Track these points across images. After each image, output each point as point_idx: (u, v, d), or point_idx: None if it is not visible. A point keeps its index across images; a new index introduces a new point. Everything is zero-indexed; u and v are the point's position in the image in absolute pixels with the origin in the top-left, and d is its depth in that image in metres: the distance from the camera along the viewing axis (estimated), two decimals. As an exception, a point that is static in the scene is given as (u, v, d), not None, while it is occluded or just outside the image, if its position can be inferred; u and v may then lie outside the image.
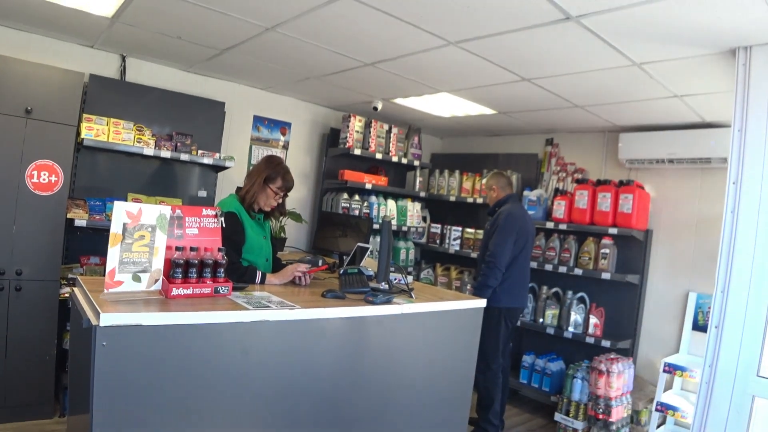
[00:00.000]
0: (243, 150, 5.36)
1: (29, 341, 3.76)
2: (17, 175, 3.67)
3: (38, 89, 3.74)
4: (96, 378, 2.01)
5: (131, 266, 2.30)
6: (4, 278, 3.67)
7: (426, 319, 3.09)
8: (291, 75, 4.69)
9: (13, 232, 3.69)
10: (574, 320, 4.84)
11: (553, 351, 5.19)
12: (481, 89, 4.31)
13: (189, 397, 2.24)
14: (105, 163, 4.46)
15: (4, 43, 4.00)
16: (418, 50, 3.56)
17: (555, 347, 5.19)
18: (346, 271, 3.21)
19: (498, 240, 4.18)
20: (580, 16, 2.69)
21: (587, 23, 2.76)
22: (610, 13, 2.60)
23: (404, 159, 5.79)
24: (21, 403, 3.75)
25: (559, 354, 5.14)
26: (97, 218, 4.01)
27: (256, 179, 3.25)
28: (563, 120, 5.04)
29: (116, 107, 4.34)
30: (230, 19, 3.38)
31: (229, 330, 2.31)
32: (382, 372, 2.91)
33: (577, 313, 4.84)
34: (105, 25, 3.83)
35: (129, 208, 2.27)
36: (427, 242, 6.21)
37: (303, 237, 5.75)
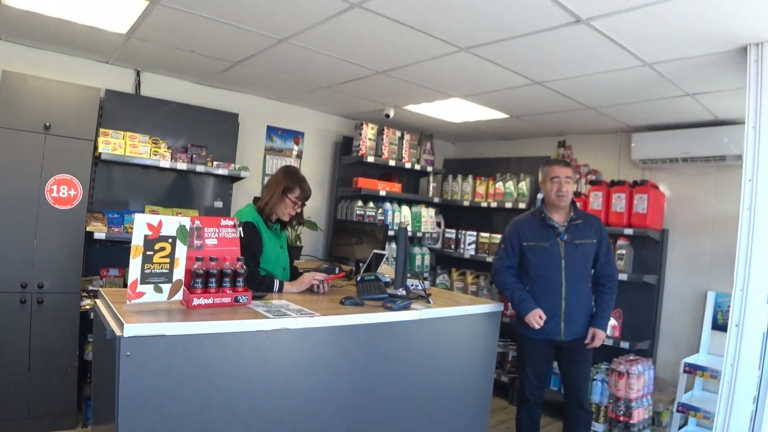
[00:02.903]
0: (257, 160, 5.40)
1: (52, 353, 3.82)
2: (37, 190, 3.74)
3: (56, 105, 3.81)
4: (121, 388, 2.05)
5: (153, 277, 2.34)
6: (26, 291, 3.73)
7: (444, 324, 3.11)
8: (303, 85, 4.74)
9: (35, 245, 3.75)
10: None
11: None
12: (492, 94, 4.33)
13: (211, 405, 2.26)
14: (122, 176, 4.53)
15: (22, 61, 4.09)
16: (429, 57, 3.59)
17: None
18: (363, 278, 3.24)
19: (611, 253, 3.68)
20: (590, 19, 2.70)
21: (597, 25, 2.77)
22: (620, 14, 2.61)
23: (417, 165, 5.81)
24: (45, 414, 3.80)
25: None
26: (116, 231, 4.07)
27: (274, 190, 3.29)
28: (575, 122, 5.03)
29: (132, 121, 4.41)
30: (243, 32, 3.43)
31: (250, 338, 2.34)
32: (402, 378, 2.92)
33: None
34: (120, 42, 3.89)
35: (149, 220, 2.31)
36: (441, 247, 6.21)
37: (319, 245, 5.78)
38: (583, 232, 3.53)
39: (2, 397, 3.66)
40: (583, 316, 3.54)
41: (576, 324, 3.50)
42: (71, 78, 4.11)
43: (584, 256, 3.53)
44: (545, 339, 3.54)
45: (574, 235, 3.50)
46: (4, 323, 3.66)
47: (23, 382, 3.73)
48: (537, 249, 3.55)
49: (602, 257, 3.58)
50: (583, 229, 3.54)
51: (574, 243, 3.49)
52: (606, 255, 3.59)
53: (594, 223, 3.62)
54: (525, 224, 3.66)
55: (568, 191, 3.51)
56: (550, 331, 3.49)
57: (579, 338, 3.52)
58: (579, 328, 3.51)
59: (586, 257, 3.54)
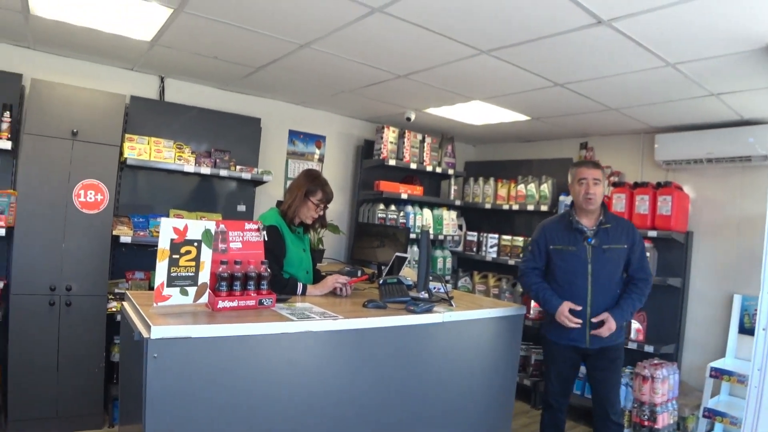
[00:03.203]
0: (279, 164, 5.45)
1: (79, 354, 3.89)
2: (65, 195, 3.82)
3: (83, 112, 3.89)
4: (148, 389, 2.09)
5: (179, 280, 2.37)
6: (55, 294, 3.80)
7: (467, 327, 3.11)
8: (324, 89, 4.77)
9: (63, 249, 3.82)
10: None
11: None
12: (513, 96, 4.32)
13: (236, 406, 2.29)
14: (147, 181, 4.61)
15: (50, 69, 4.18)
16: (450, 60, 3.59)
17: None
18: (386, 281, 3.24)
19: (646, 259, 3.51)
20: (612, 20, 2.69)
21: (619, 26, 2.76)
22: (642, 15, 2.59)
23: (438, 168, 5.81)
24: (73, 414, 3.88)
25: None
26: (141, 234, 4.13)
27: (296, 193, 3.32)
28: (597, 123, 5.00)
29: (156, 127, 4.49)
30: (265, 37, 3.47)
31: (275, 341, 2.37)
32: (425, 381, 2.92)
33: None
34: (144, 49, 3.96)
35: (176, 224, 2.35)
36: (463, 250, 6.20)
37: (341, 248, 5.81)
38: (613, 237, 3.39)
39: (32, 396, 3.74)
40: None
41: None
42: (97, 85, 4.19)
43: (613, 261, 3.39)
44: (570, 345, 3.44)
45: (603, 240, 3.38)
46: (34, 325, 3.74)
47: (52, 383, 3.80)
48: (563, 253, 3.45)
49: (635, 262, 3.42)
50: (614, 234, 3.40)
51: (602, 248, 3.37)
52: (639, 260, 3.43)
53: (626, 227, 3.47)
54: (553, 227, 3.57)
55: (597, 193, 3.39)
56: (575, 337, 3.39)
57: (607, 347, 3.39)
58: (607, 336, 3.36)
59: (616, 263, 3.40)
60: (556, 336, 3.48)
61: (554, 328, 3.48)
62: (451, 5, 2.73)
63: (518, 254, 5.59)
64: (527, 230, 5.84)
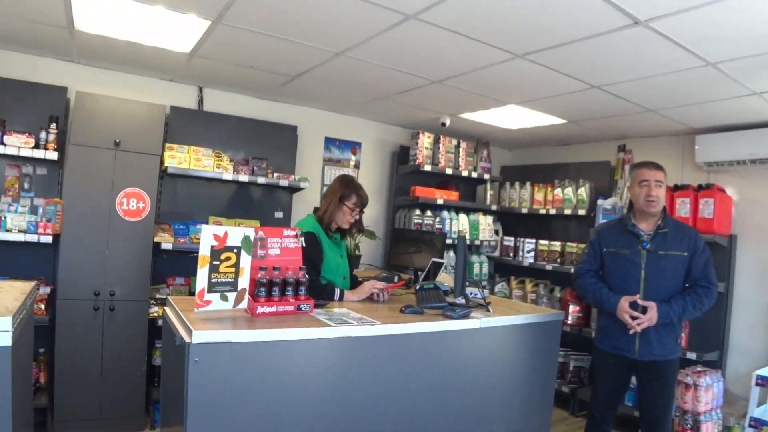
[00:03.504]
0: (316, 171, 5.51)
1: (122, 358, 4.00)
2: (109, 203, 3.93)
3: (125, 122, 4.00)
4: (189, 392, 2.13)
5: (219, 286, 2.42)
6: (99, 299, 3.91)
7: (504, 332, 3.09)
8: (360, 96, 4.81)
9: (106, 255, 3.93)
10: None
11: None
12: (549, 99, 4.29)
13: (275, 410, 2.32)
14: (187, 189, 4.71)
15: (94, 82, 4.32)
16: (484, 65, 3.59)
17: (638, 360, 5.03)
18: (423, 286, 3.25)
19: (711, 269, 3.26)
20: (649, 20, 2.66)
21: (657, 26, 2.72)
22: (680, 14, 2.55)
23: (474, 173, 5.80)
24: (115, 416, 3.98)
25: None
26: (182, 241, 4.23)
27: (331, 199, 3.35)
28: (635, 125, 4.92)
29: (195, 136, 4.60)
30: (301, 46, 3.52)
31: (313, 346, 2.39)
32: (462, 387, 2.91)
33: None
34: (183, 60, 4.06)
35: (216, 231, 2.39)
36: (500, 255, 6.16)
37: (377, 254, 5.83)
38: (671, 243, 3.19)
39: (77, 398, 3.85)
40: (664, 336, 3.19)
41: (654, 344, 3.18)
42: (139, 96, 4.32)
43: (670, 269, 3.18)
44: (619, 355, 3.27)
45: (660, 245, 3.19)
46: (79, 329, 3.85)
47: (96, 385, 3.91)
48: (616, 256, 3.31)
49: (696, 271, 3.18)
50: (672, 240, 3.19)
51: (658, 253, 3.18)
52: (703, 269, 3.19)
53: (688, 233, 3.25)
54: (609, 229, 3.45)
55: (659, 196, 3.19)
56: (623, 347, 3.24)
57: (659, 362, 3.19)
58: (658, 349, 3.18)
59: (673, 271, 3.19)
60: (605, 344, 3.35)
61: (604, 336, 3.38)
62: (485, 11, 2.74)
63: (555, 259, 5.52)
64: (565, 235, 5.77)
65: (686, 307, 3.14)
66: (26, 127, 3.88)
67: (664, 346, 3.20)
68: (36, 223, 3.76)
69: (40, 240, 3.75)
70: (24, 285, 2.71)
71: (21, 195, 4.10)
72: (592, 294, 3.36)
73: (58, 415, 3.81)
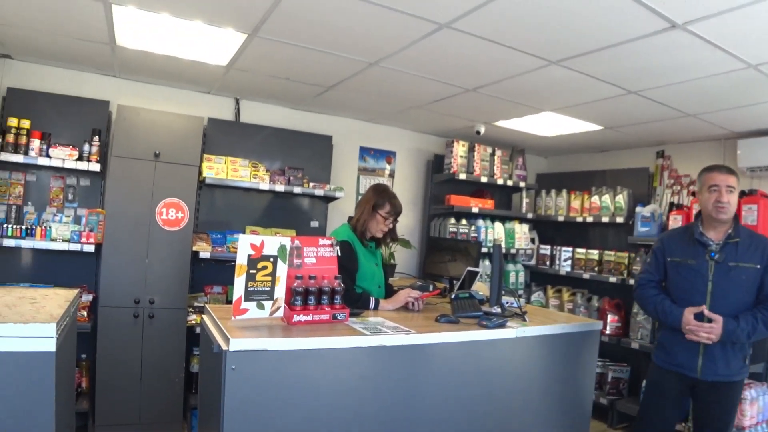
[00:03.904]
0: (351, 180, 5.55)
1: (161, 364, 4.08)
2: (149, 213, 4.02)
3: (164, 134, 4.10)
4: (226, 399, 2.16)
5: (256, 295, 2.44)
6: (139, 307, 4.00)
7: (541, 342, 3.04)
8: (394, 105, 4.83)
9: (146, 264, 4.03)
10: (699, 342, 4.56)
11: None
12: (585, 106, 4.23)
13: (311, 418, 2.33)
14: (224, 199, 4.79)
15: (135, 95, 4.44)
16: (519, 72, 3.57)
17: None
18: (458, 295, 3.23)
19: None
20: (687, 23, 2.61)
21: (695, 29, 2.66)
22: (719, 16, 2.50)
23: (509, 181, 5.76)
24: (153, 421, 4.06)
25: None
26: (219, 250, 4.30)
27: (365, 207, 3.36)
28: (674, 130, 4.82)
29: (232, 146, 4.69)
30: (335, 57, 3.55)
31: (348, 355, 2.40)
32: (497, 397, 2.88)
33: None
34: (220, 73, 4.14)
35: (253, 240, 2.42)
36: (536, 264, 6.09)
37: (412, 263, 5.82)
38: (742, 254, 2.94)
39: (117, 403, 3.95)
40: (731, 355, 2.94)
41: (719, 363, 2.94)
42: (177, 109, 4.43)
43: (740, 282, 2.93)
44: (677, 372, 3.05)
45: (730, 256, 2.95)
46: (119, 336, 3.95)
47: (135, 391, 4.00)
48: (681, 266, 3.08)
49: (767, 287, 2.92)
50: (744, 251, 2.95)
51: (728, 265, 2.94)
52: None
53: (762, 244, 2.98)
54: (674, 237, 3.23)
55: (730, 203, 2.96)
56: (684, 364, 3.02)
57: (722, 383, 2.94)
58: (723, 369, 2.93)
59: (743, 285, 2.93)
60: (664, 361, 3.13)
61: (663, 352, 3.17)
62: (518, 18, 2.72)
63: (593, 268, 5.44)
64: (602, 243, 5.68)
65: (756, 325, 2.86)
66: (70, 139, 4.01)
67: (729, 366, 2.94)
68: (79, 233, 3.87)
69: (83, 249, 3.86)
70: (68, 293, 2.78)
71: (65, 205, 4.23)
72: (654, 306, 3.14)
73: (99, 420, 3.91)
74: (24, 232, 3.80)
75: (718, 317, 2.87)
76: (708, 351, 2.95)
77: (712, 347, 2.92)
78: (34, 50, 3.91)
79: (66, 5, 3.01)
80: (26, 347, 1.93)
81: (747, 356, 3.01)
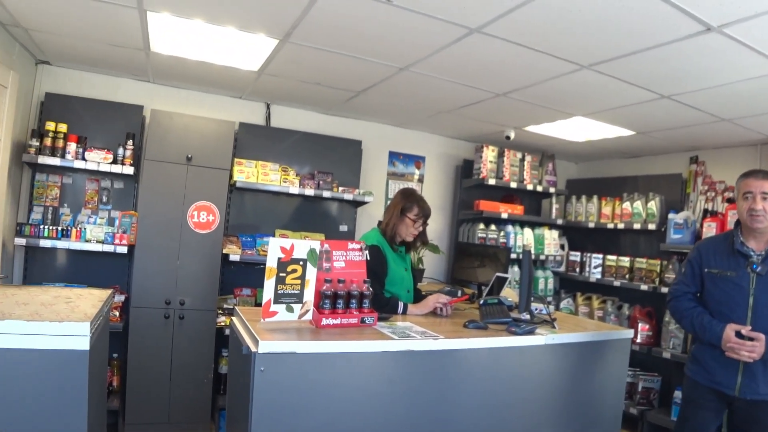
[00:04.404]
0: (380, 185, 5.56)
1: (190, 365, 4.14)
2: (181, 216, 4.09)
3: (197, 139, 4.16)
4: (254, 400, 2.17)
5: (285, 297, 2.46)
6: (170, 308, 4.07)
7: (570, 350, 3.00)
8: (423, 110, 4.83)
9: (177, 266, 4.09)
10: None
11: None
12: (617, 111, 4.18)
13: (338, 421, 2.33)
14: (254, 202, 4.84)
15: (168, 100, 4.53)
16: (550, 77, 3.54)
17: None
18: (486, 301, 3.21)
19: None
20: (723, 26, 2.56)
21: (731, 32, 2.61)
22: (755, 18, 2.44)
23: (539, 186, 5.71)
24: (182, 420, 4.12)
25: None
26: (249, 253, 4.34)
27: (393, 212, 3.37)
28: (708, 136, 4.73)
29: (263, 151, 4.75)
30: (365, 62, 3.57)
31: (376, 359, 2.40)
32: (526, 404, 2.85)
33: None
34: (252, 78, 4.19)
35: (283, 243, 2.44)
36: (566, 271, 6.02)
37: (441, 268, 5.81)
38: None
39: (147, 402, 4.02)
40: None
41: (759, 382, 2.75)
42: (209, 113, 4.50)
43: None
44: (714, 389, 2.88)
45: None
46: (150, 336, 4.02)
47: (165, 390, 4.07)
48: (720, 279, 2.89)
49: None
50: None
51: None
52: None
53: None
54: (711, 247, 3.02)
55: (766, 210, 2.78)
56: (722, 381, 2.84)
57: (762, 401, 2.75)
58: (764, 387, 2.75)
59: None
60: (700, 377, 2.95)
61: (698, 367, 2.98)
62: (550, 22, 2.71)
63: (624, 275, 5.36)
64: (633, 250, 5.59)
65: None
66: (105, 143, 4.10)
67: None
68: (113, 234, 3.95)
69: (116, 250, 3.94)
70: (101, 293, 2.84)
71: (99, 207, 4.32)
72: (690, 320, 2.95)
73: (129, 418, 3.98)
74: (60, 233, 3.89)
75: (761, 335, 2.69)
76: (748, 369, 2.76)
77: (753, 365, 2.74)
78: (72, 56, 4.01)
79: (103, 13, 3.08)
80: (61, 345, 1.98)
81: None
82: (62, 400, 2.00)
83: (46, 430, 1.99)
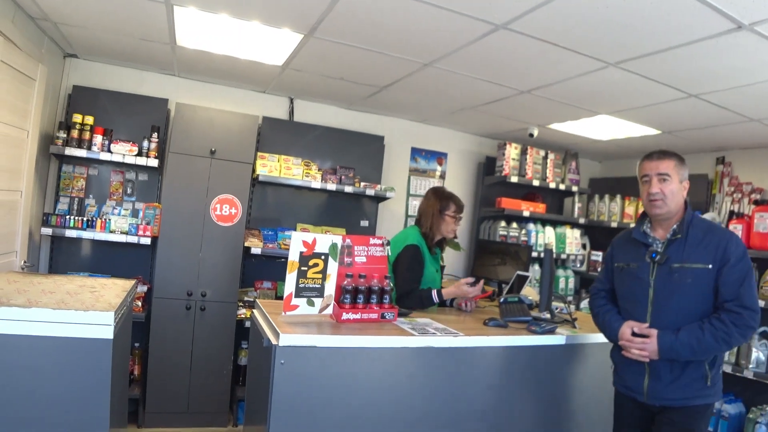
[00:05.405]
0: (402, 181, 5.55)
1: (210, 356, 4.18)
2: (203, 209, 4.12)
3: (220, 132, 4.19)
4: (274, 392, 2.21)
5: (306, 291, 2.48)
6: (191, 299, 4.11)
7: (590, 350, 2.98)
8: (446, 107, 4.81)
9: (199, 258, 4.13)
10: (756, 358, 4.35)
11: (731, 392, 4.70)
12: (642, 109, 4.12)
13: (357, 414, 2.35)
14: (276, 196, 4.86)
15: (193, 94, 4.56)
16: (575, 74, 3.50)
17: (733, 387, 4.69)
18: (507, 299, 3.20)
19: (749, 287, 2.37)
20: (754, 24, 2.50)
21: (762, 30, 2.56)
22: (789, 17, 2.40)
23: (562, 185, 5.66)
24: (201, 411, 4.17)
25: (738, 395, 4.64)
26: (270, 246, 4.37)
27: (431, 213, 3.46)
28: (736, 136, 4.65)
29: (286, 145, 4.76)
30: (389, 58, 3.56)
31: (395, 354, 2.41)
32: (544, 403, 2.85)
33: (759, 350, 4.36)
34: (276, 73, 4.20)
35: (305, 238, 2.46)
36: (587, 270, 5.96)
37: (461, 265, 5.79)
38: (689, 252, 2.42)
39: (167, 391, 4.08)
40: (682, 375, 2.39)
41: (667, 385, 2.42)
42: (233, 107, 4.53)
43: (686, 286, 2.40)
44: (630, 397, 2.57)
45: (674, 256, 2.44)
46: (172, 327, 4.07)
47: (185, 380, 4.12)
48: (624, 272, 2.62)
49: (725, 290, 2.34)
50: (692, 249, 2.42)
51: (671, 266, 2.43)
52: (732, 286, 2.33)
53: (716, 240, 2.41)
54: (621, 238, 2.74)
55: (665, 194, 2.47)
56: (632, 385, 2.54)
57: (673, 408, 2.42)
58: (672, 391, 2.41)
59: (691, 288, 2.39)
60: (617, 383, 2.66)
61: (614, 372, 2.68)
62: (576, 18, 2.67)
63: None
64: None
65: (702, 339, 2.30)
66: (130, 136, 4.15)
67: (681, 388, 2.40)
68: (137, 226, 3.99)
69: (140, 241, 3.99)
70: (125, 283, 2.88)
71: (124, 199, 4.38)
72: (599, 320, 2.69)
73: (149, 406, 4.03)
74: (85, 223, 3.94)
75: (653, 331, 2.41)
76: (654, 370, 2.44)
77: (659, 366, 2.42)
78: (99, 50, 4.06)
79: (130, 7, 3.11)
80: (86, 333, 2.02)
81: (709, 376, 2.39)
82: (86, 388, 2.04)
83: (70, 416, 2.03)
